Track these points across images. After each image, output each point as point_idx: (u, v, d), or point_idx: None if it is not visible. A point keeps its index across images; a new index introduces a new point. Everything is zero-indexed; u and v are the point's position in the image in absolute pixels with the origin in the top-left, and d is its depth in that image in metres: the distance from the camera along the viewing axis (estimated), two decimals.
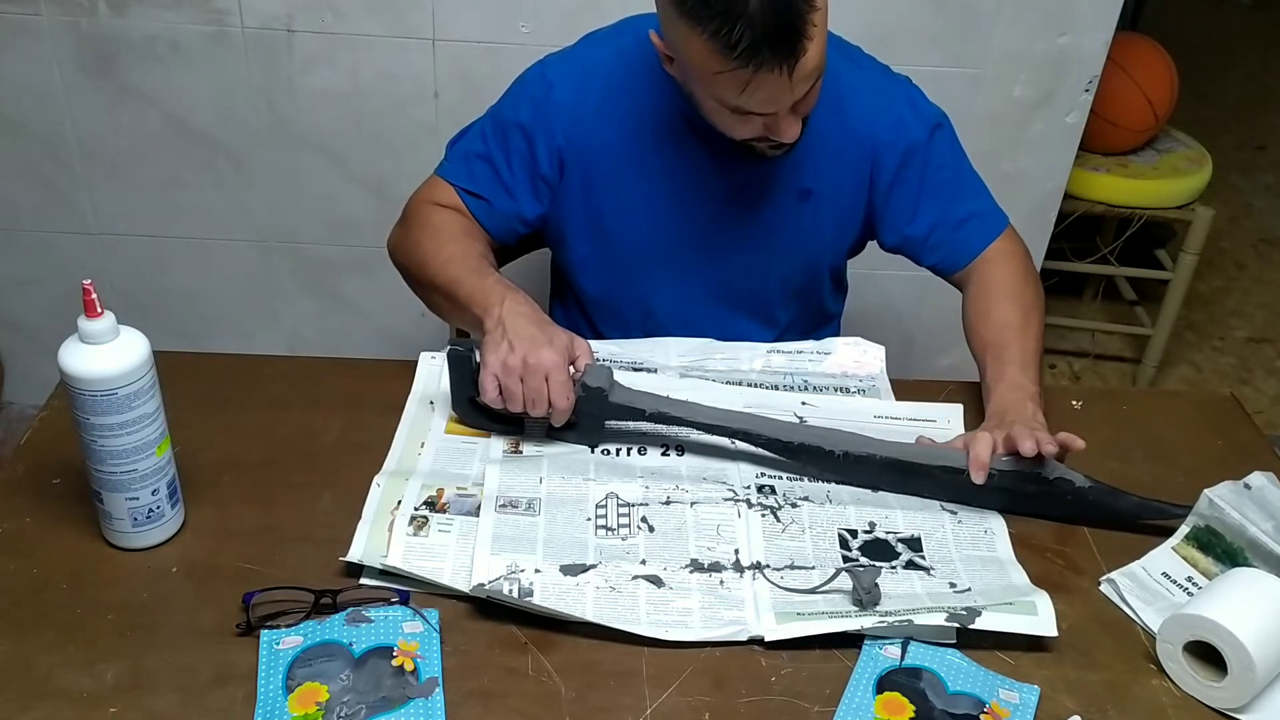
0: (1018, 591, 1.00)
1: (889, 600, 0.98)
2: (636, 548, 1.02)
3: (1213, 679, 0.93)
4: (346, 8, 1.89)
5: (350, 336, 2.22)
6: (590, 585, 0.98)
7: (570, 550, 1.01)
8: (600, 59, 1.27)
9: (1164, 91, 2.42)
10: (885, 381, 1.29)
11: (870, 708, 0.90)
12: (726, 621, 0.96)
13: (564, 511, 1.05)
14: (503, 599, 0.95)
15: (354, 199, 2.06)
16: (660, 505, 1.07)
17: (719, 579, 1.00)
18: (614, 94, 1.25)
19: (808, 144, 1.22)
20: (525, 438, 1.15)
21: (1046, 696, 0.92)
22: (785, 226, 1.31)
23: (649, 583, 0.99)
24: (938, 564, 1.04)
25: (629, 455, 1.14)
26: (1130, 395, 2.07)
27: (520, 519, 1.03)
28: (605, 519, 1.05)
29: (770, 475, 1.12)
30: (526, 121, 1.25)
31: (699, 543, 1.03)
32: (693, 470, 1.12)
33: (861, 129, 1.27)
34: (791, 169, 1.27)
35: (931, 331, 2.28)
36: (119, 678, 0.90)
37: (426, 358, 1.27)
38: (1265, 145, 3.90)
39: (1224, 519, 1.06)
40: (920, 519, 1.09)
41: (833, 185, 1.29)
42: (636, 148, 1.26)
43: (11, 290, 2.19)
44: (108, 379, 0.93)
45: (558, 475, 1.09)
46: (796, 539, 1.05)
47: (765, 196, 1.29)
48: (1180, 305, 2.56)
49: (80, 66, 1.94)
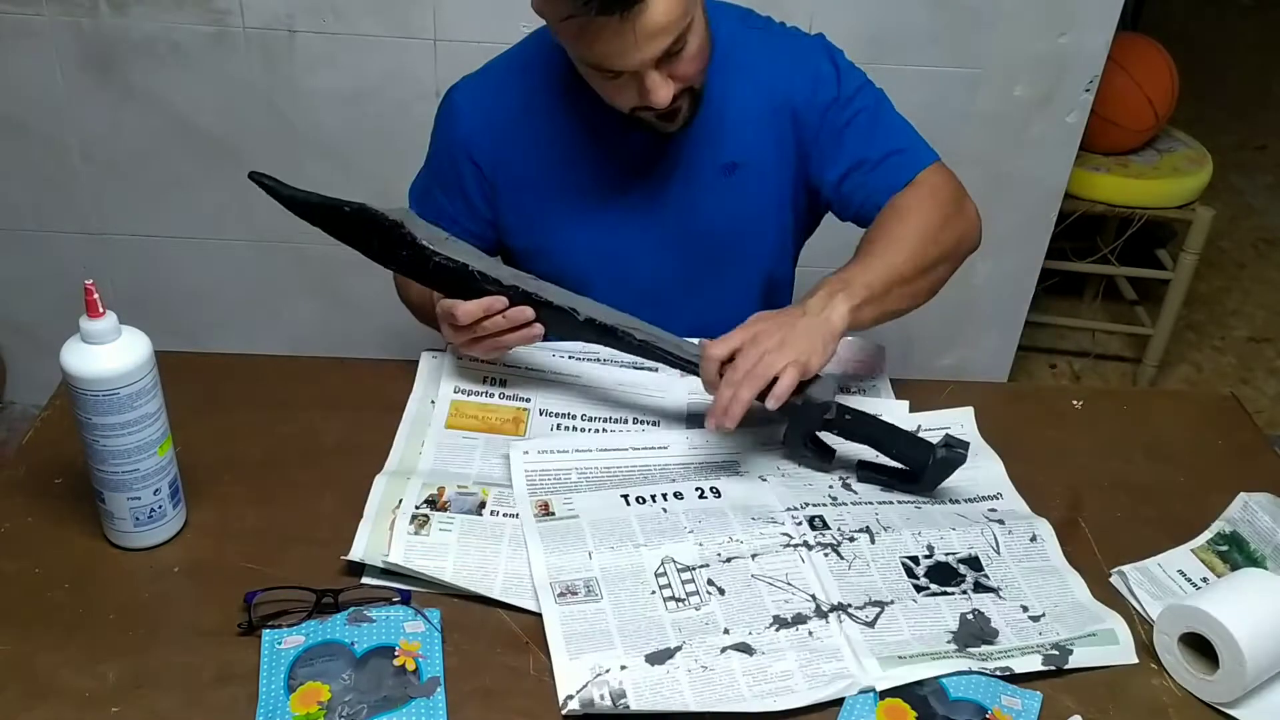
0: (1091, 616, 1.00)
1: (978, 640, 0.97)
2: (714, 616, 0.96)
3: (1206, 672, 0.93)
4: (348, 8, 1.89)
5: (351, 336, 2.22)
6: (681, 670, 0.91)
7: (649, 634, 0.94)
8: (502, 65, 1.30)
9: (1164, 91, 2.42)
10: (885, 381, 1.30)
11: (872, 715, 0.89)
12: (831, 677, 0.92)
13: (626, 589, 0.98)
14: (597, 711, 0.88)
15: (356, 198, 2.06)
16: (722, 564, 1.01)
17: (807, 630, 0.96)
18: (520, 95, 1.26)
19: (726, 116, 1.23)
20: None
21: (1047, 697, 0.92)
22: (710, 200, 1.29)
23: (739, 652, 0.93)
24: (1003, 584, 1.03)
25: (666, 500, 1.08)
26: (1130, 395, 2.07)
27: (585, 608, 0.96)
28: (670, 589, 0.99)
29: (814, 505, 1.09)
30: (443, 153, 1.30)
31: (774, 597, 0.99)
32: (736, 508, 1.08)
33: (779, 93, 1.25)
34: (712, 143, 1.26)
35: (931, 331, 2.28)
36: (121, 677, 0.90)
37: (428, 357, 1.27)
38: (1265, 145, 3.90)
39: (1255, 523, 1.07)
40: (972, 536, 1.07)
41: (759, 155, 1.27)
42: (557, 145, 1.27)
43: (13, 290, 2.19)
44: (109, 379, 0.93)
45: (605, 547, 1.02)
46: (864, 574, 1.02)
47: (687, 173, 1.27)
48: (1180, 305, 2.56)
49: (82, 67, 1.95)
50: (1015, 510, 1.13)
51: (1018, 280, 2.23)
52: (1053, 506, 1.14)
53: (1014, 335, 2.32)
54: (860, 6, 1.89)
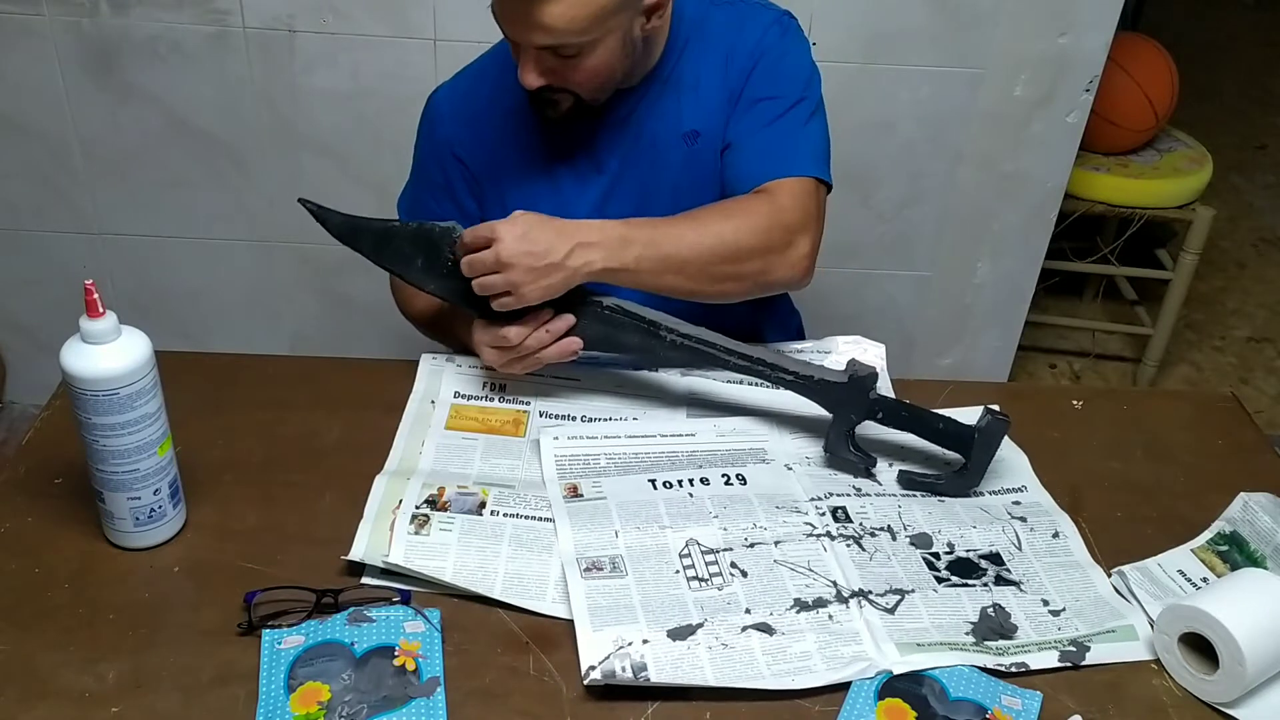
0: (1112, 611, 1.01)
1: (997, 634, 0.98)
2: (736, 596, 0.98)
3: (1206, 672, 0.93)
4: (347, 8, 1.89)
5: (352, 336, 2.22)
6: (702, 646, 0.93)
7: (671, 611, 0.96)
8: (476, 65, 1.32)
9: (1164, 91, 2.42)
10: (886, 380, 1.30)
11: (872, 714, 0.89)
12: (849, 659, 0.93)
13: (650, 567, 1.00)
14: (618, 682, 0.90)
15: (355, 199, 2.06)
16: (745, 549, 1.03)
17: (827, 614, 0.97)
18: (494, 91, 1.28)
19: (685, 86, 1.25)
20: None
21: (1047, 697, 0.92)
22: (674, 171, 1.28)
23: (760, 632, 0.95)
24: (1025, 577, 1.04)
25: (693, 486, 1.10)
26: (1130, 395, 2.07)
27: (610, 583, 0.98)
28: (694, 569, 1.01)
29: (838, 495, 1.11)
30: (429, 157, 1.31)
31: (795, 581, 1.00)
32: (761, 496, 1.09)
33: (732, 54, 1.25)
34: (674, 114, 1.26)
35: (931, 331, 2.28)
36: (121, 677, 0.90)
37: (428, 359, 1.27)
38: (1265, 145, 3.90)
39: (1255, 523, 1.07)
40: (994, 534, 1.08)
41: (719, 122, 1.27)
42: (530, 135, 1.27)
43: (13, 290, 2.19)
44: (109, 379, 0.93)
45: (632, 527, 1.04)
46: (886, 565, 1.03)
47: (653, 146, 1.27)
48: (1180, 305, 2.56)
49: (82, 66, 1.95)
50: (1040, 504, 1.14)
51: (1018, 280, 2.23)
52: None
53: (1014, 335, 2.32)
54: (860, 6, 1.89)
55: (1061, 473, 1.19)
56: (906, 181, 2.07)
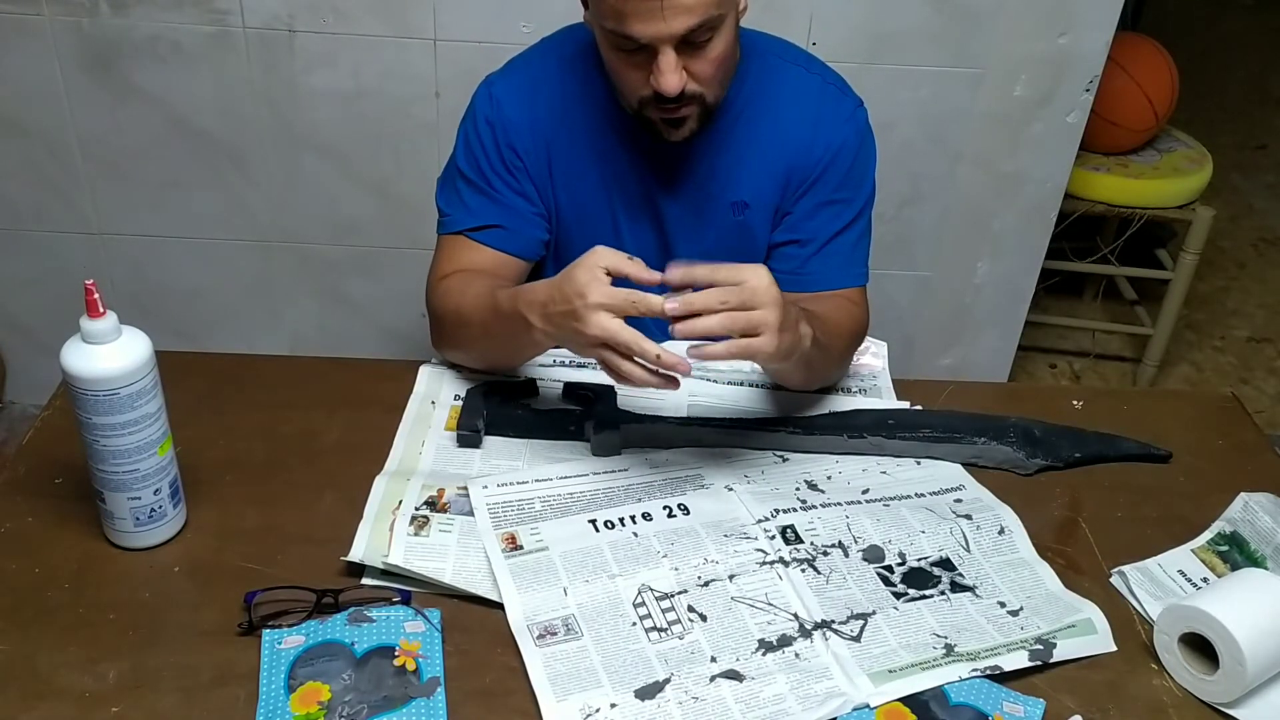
0: (1067, 606, 1.01)
1: (965, 638, 0.97)
2: (699, 644, 0.95)
3: (1206, 672, 0.93)
4: (348, 8, 1.89)
5: (352, 336, 2.22)
6: (672, 702, 0.89)
7: (635, 669, 0.92)
8: (545, 71, 1.27)
9: (1164, 91, 2.42)
10: (887, 379, 1.30)
11: (871, 717, 0.89)
12: (824, 696, 0.91)
13: (606, 623, 0.96)
14: None
15: (356, 199, 2.07)
16: (700, 589, 1.00)
17: (793, 652, 0.95)
18: (559, 92, 1.26)
19: (745, 155, 1.25)
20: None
21: (1048, 697, 0.92)
22: (719, 233, 1.29)
23: (729, 679, 0.92)
24: (979, 581, 1.04)
25: (636, 523, 1.06)
26: (1130, 395, 2.07)
27: (566, 647, 0.93)
28: (651, 619, 0.97)
29: (784, 511, 1.09)
30: (489, 141, 1.25)
31: (756, 619, 0.98)
32: (708, 525, 1.06)
33: (798, 144, 1.25)
34: (731, 180, 1.27)
35: (931, 331, 2.28)
36: (121, 677, 0.90)
37: (428, 368, 1.27)
38: (1265, 145, 3.90)
39: (1255, 523, 1.07)
40: (941, 537, 1.08)
41: (766, 198, 1.28)
42: (591, 144, 1.26)
43: (13, 290, 2.19)
44: (110, 379, 0.93)
45: (579, 580, 0.99)
46: (842, 587, 1.02)
47: (703, 205, 1.28)
48: (1180, 305, 2.56)
49: (82, 66, 1.95)
50: (980, 499, 1.14)
51: (1018, 280, 2.23)
52: (1053, 506, 1.15)
53: (1014, 335, 2.32)
54: (860, 6, 1.89)
55: (1061, 473, 1.19)
56: (906, 181, 2.07)
